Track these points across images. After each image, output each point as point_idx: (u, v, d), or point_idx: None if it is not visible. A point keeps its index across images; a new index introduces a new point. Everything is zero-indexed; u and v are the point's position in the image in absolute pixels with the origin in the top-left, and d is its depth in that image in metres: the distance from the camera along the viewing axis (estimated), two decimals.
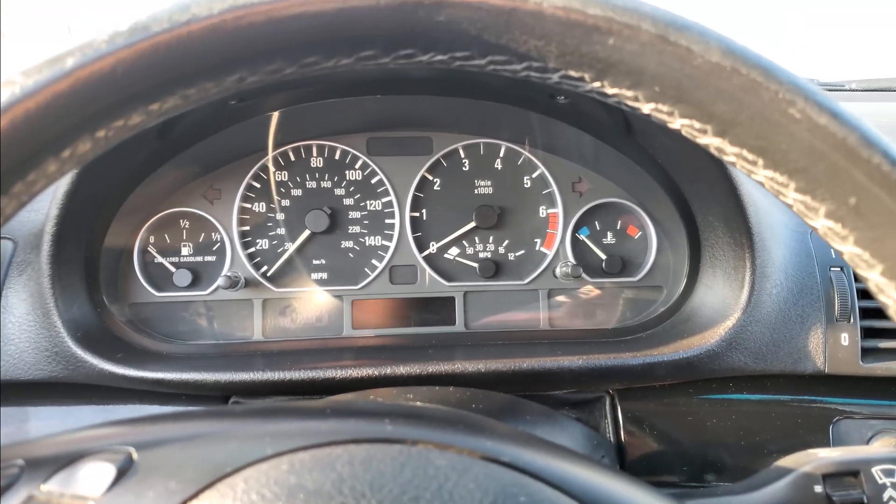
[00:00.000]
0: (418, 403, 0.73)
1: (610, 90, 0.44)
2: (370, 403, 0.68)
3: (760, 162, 0.43)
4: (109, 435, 0.55)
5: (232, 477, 0.49)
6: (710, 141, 0.43)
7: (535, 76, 0.45)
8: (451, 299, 1.27)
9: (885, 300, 0.42)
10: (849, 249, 0.42)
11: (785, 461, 0.75)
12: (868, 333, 1.06)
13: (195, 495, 0.47)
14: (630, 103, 0.44)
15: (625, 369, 1.03)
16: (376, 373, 0.99)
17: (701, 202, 1.11)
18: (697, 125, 0.43)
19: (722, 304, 1.08)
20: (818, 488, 0.70)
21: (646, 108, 0.44)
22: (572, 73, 0.43)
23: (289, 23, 0.41)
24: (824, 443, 1.07)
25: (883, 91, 1.80)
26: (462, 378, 1.00)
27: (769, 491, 0.72)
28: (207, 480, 0.48)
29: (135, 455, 0.51)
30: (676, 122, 0.44)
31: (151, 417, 0.60)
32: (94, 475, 0.50)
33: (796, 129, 0.40)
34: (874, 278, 0.41)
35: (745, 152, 0.43)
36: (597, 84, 0.44)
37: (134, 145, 1.05)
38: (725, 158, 0.44)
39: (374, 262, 1.28)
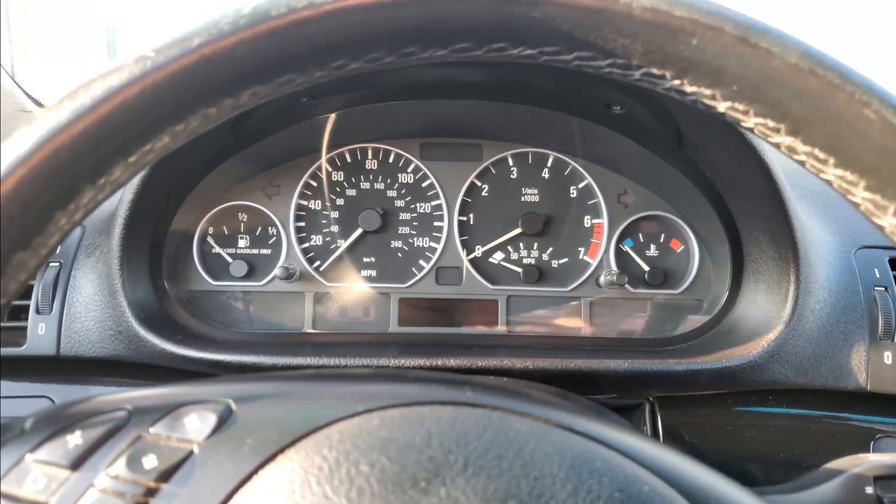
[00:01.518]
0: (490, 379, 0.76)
1: (689, 88, 0.47)
2: (449, 375, 0.71)
3: (831, 161, 0.45)
4: (211, 389, 0.59)
5: (326, 429, 0.52)
6: (782, 140, 0.46)
7: (618, 72, 0.48)
8: (495, 302, 1.30)
9: None
10: None
11: (834, 463, 0.76)
12: None
13: (292, 443, 0.51)
14: (707, 101, 0.47)
15: (669, 375, 1.05)
16: (427, 363, 1.02)
17: (747, 217, 1.14)
18: (771, 124, 0.45)
19: (764, 317, 1.10)
20: (869, 490, 0.72)
21: (722, 106, 0.47)
22: (654, 70, 0.46)
23: (397, 10, 0.45)
24: None
25: None
26: (509, 374, 1.02)
27: (819, 491, 0.74)
28: (303, 431, 0.52)
29: (234, 406, 0.55)
30: (750, 121, 0.47)
31: (246, 376, 0.64)
32: (198, 421, 0.53)
33: (870, 129, 0.42)
34: None
35: (816, 151, 0.45)
36: (676, 82, 0.47)
37: (208, 136, 1.09)
38: (795, 157, 0.47)
39: (421, 262, 1.32)
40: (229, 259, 1.28)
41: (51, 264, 1.12)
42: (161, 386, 0.61)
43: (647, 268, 1.30)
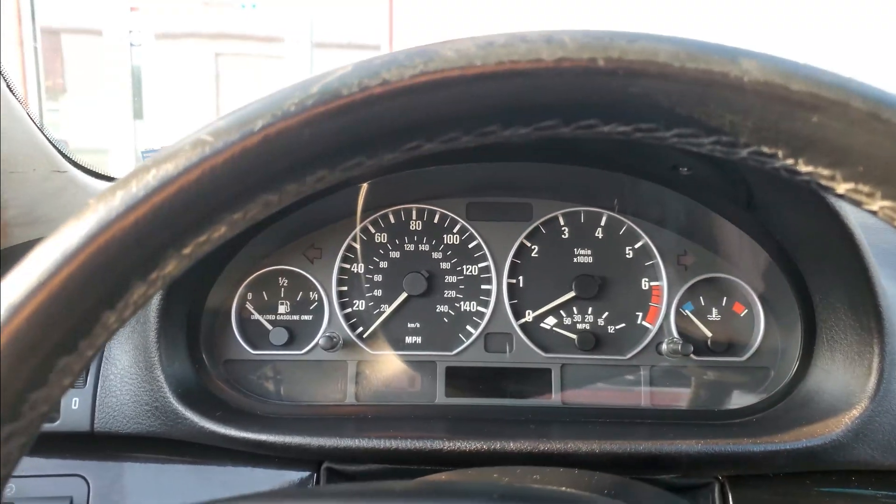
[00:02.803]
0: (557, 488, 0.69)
1: (804, 168, 0.42)
2: (534, 488, 0.65)
3: None
4: None
5: None
6: None
7: (721, 150, 0.43)
8: (548, 371, 1.23)
9: None
10: None
11: None
12: None
13: None
14: (824, 182, 0.42)
15: (743, 456, 0.97)
16: (484, 447, 0.95)
17: (821, 281, 1.07)
18: None
19: (844, 390, 1.02)
20: None
21: (842, 188, 0.42)
22: (765, 149, 0.41)
23: (481, 86, 0.40)
24: None
25: None
26: (573, 458, 0.95)
27: None
28: None
29: None
30: (875, 205, 0.42)
31: (305, 493, 0.58)
32: None
33: None
34: None
35: None
36: (790, 161, 0.42)
37: None
38: None
39: (468, 328, 1.25)
40: (269, 326, 1.23)
41: None
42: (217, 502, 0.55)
43: (709, 334, 1.22)
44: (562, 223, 1.28)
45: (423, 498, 0.55)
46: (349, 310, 1.25)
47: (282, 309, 1.25)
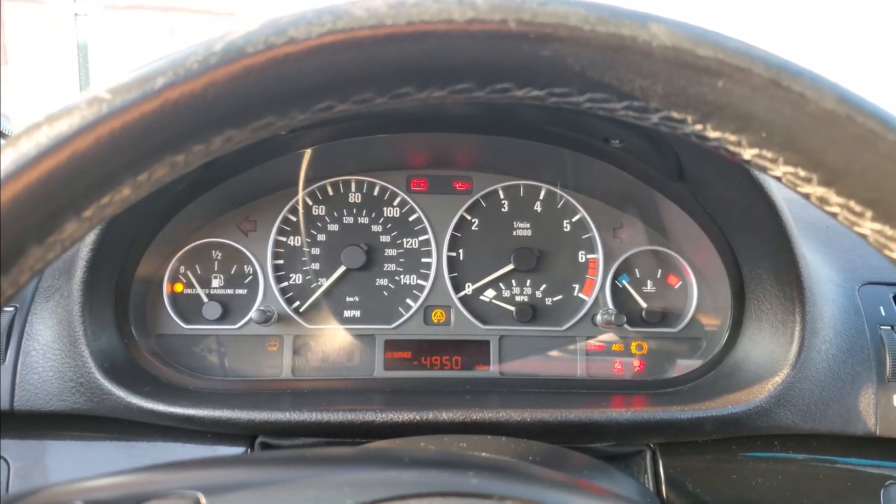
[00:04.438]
0: (494, 455, 0.70)
1: (712, 133, 0.42)
2: (449, 454, 0.64)
3: (869, 214, 0.41)
4: (176, 478, 0.52)
5: None
6: (814, 190, 0.42)
7: (633, 115, 0.44)
8: (486, 343, 1.24)
9: None
10: None
11: None
12: None
13: None
14: (732, 148, 0.43)
15: (672, 423, 1.00)
16: (417, 417, 0.95)
17: (749, 253, 1.09)
18: (802, 173, 0.41)
19: (769, 359, 1.05)
20: None
21: (748, 153, 0.43)
22: (675, 114, 0.42)
23: (391, 47, 0.39)
24: None
25: None
26: (506, 427, 0.96)
27: None
28: None
29: (203, 500, 0.47)
30: (779, 170, 0.42)
31: (220, 460, 0.57)
32: None
33: None
34: None
35: (852, 203, 0.41)
36: (699, 127, 0.42)
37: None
38: (828, 209, 0.43)
39: (408, 301, 1.25)
40: (205, 299, 1.20)
41: (5, 309, 1.02)
42: (120, 473, 0.53)
43: (644, 305, 1.24)
44: (501, 197, 1.28)
45: (322, 464, 0.55)
46: (285, 283, 1.23)
47: (215, 283, 1.22)
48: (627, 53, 0.39)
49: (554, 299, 1.26)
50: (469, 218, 1.27)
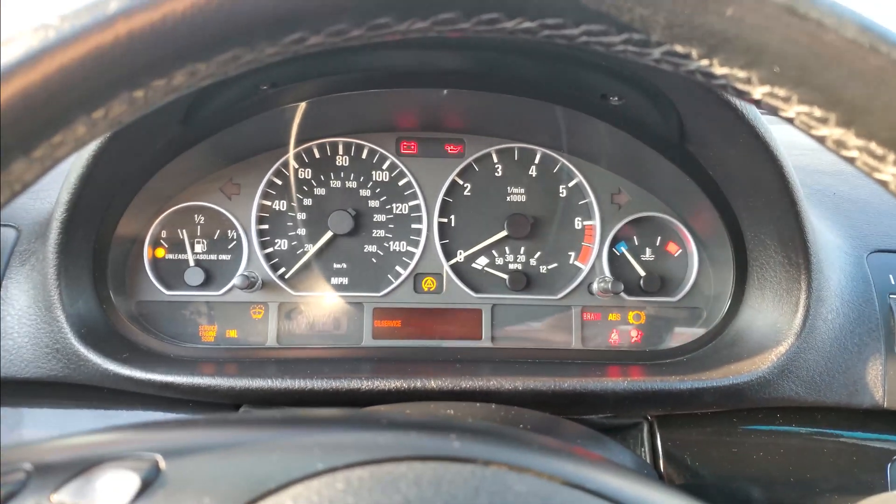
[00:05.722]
0: (478, 420, 0.66)
1: (719, 70, 0.39)
2: (430, 417, 0.61)
3: (892, 157, 0.38)
4: (132, 439, 0.48)
5: (278, 494, 0.41)
6: (830, 132, 0.38)
7: (633, 50, 0.40)
8: (478, 312, 1.20)
9: None
10: None
11: (868, 501, 0.67)
12: None
13: None
14: (740, 86, 0.39)
15: (670, 394, 0.96)
16: (405, 385, 0.91)
17: (753, 218, 1.05)
18: (818, 113, 0.37)
19: (772, 328, 1.01)
20: None
21: (758, 91, 0.39)
22: (678, 48, 0.38)
23: None
24: (881, 483, 1.00)
25: None
26: (496, 396, 0.92)
27: None
28: (248, 497, 0.41)
29: (162, 464, 0.44)
30: (791, 110, 0.39)
31: (181, 422, 0.53)
32: (114, 485, 0.42)
33: None
34: None
35: (872, 145, 0.37)
36: (704, 62, 0.39)
37: (155, 129, 0.98)
38: (845, 153, 0.39)
39: (398, 268, 1.20)
40: (186, 265, 1.16)
41: None
42: (73, 435, 0.49)
43: (642, 273, 1.20)
44: (495, 160, 1.23)
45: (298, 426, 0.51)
46: (270, 249, 1.19)
47: (198, 248, 1.18)
48: None
49: (549, 267, 1.22)
50: (461, 182, 1.22)
